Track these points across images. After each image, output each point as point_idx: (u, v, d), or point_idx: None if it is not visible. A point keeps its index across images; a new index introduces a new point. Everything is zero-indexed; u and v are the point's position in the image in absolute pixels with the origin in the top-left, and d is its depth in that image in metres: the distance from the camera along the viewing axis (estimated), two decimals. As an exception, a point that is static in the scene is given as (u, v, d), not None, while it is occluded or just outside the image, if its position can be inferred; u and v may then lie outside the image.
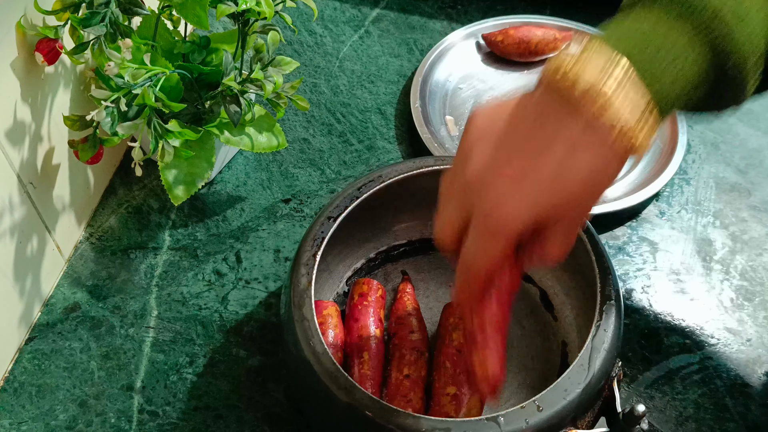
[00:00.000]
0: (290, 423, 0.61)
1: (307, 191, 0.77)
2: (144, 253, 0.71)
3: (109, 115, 0.57)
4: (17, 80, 0.57)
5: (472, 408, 0.56)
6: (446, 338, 0.60)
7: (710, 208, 0.78)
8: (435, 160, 0.64)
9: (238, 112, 0.65)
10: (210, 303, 0.68)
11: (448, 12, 0.96)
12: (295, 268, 0.56)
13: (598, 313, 0.54)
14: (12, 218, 0.59)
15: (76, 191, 0.69)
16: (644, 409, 0.50)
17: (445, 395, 0.57)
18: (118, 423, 0.60)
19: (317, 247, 0.57)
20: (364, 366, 0.58)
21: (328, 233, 0.58)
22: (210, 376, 0.63)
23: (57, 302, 0.67)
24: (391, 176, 0.62)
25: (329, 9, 0.95)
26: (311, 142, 0.81)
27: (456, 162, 0.47)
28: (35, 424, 0.60)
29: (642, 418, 0.51)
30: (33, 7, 0.57)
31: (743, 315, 0.70)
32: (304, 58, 0.89)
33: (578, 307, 0.63)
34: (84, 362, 0.64)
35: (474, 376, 0.47)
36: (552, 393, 0.50)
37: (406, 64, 0.89)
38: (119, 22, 0.58)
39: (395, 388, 0.57)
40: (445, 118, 0.83)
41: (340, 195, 0.61)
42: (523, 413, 0.49)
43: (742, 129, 0.86)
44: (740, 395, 0.64)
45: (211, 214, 0.74)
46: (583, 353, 0.52)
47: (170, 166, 0.65)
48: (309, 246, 0.58)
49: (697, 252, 0.74)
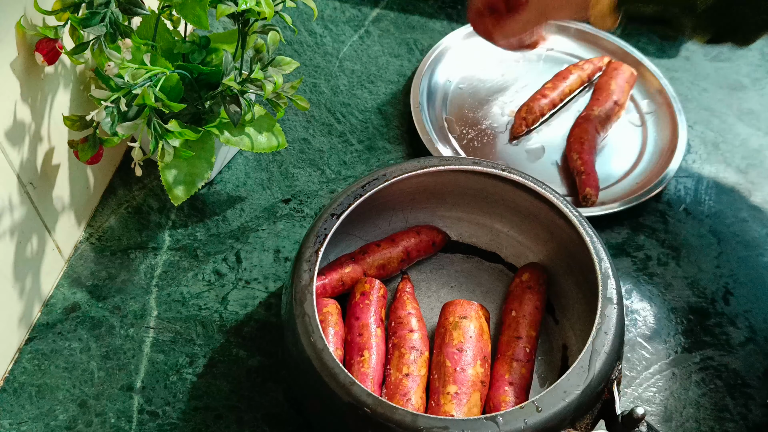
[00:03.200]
0: (290, 423, 0.61)
1: (307, 191, 0.77)
2: (144, 253, 0.71)
3: (109, 115, 0.57)
4: (17, 80, 0.57)
5: (472, 407, 0.56)
6: (446, 337, 0.60)
7: (710, 208, 0.78)
8: (438, 161, 0.64)
9: (238, 112, 0.65)
10: (210, 303, 0.68)
11: (448, 12, 0.96)
12: (298, 264, 0.56)
13: (599, 316, 0.54)
14: (12, 218, 0.59)
15: (76, 191, 0.69)
16: (643, 411, 0.50)
17: (445, 394, 0.57)
18: (118, 423, 0.60)
19: (320, 243, 0.57)
20: (364, 364, 0.58)
21: (331, 230, 0.58)
22: (210, 376, 0.63)
23: (57, 302, 0.67)
24: (395, 175, 0.62)
25: (329, 9, 0.95)
26: (311, 142, 0.81)
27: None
28: (35, 424, 0.60)
29: (641, 421, 0.51)
30: (33, 7, 0.57)
31: (743, 315, 0.70)
32: (304, 58, 0.89)
33: (580, 310, 0.63)
34: (84, 362, 0.64)
35: None
36: (551, 394, 0.50)
37: (406, 64, 0.89)
38: (119, 22, 0.58)
39: (395, 386, 0.57)
40: (445, 118, 0.83)
41: (344, 192, 0.61)
42: (522, 413, 0.49)
43: (743, 129, 0.86)
44: (740, 395, 0.64)
45: (211, 214, 0.74)
46: (583, 355, 0.52)
47: (170, 166, 0.65)
48: (311, 242, 0.58)
49: (698, 252, 0.74)
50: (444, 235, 0.70)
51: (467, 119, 0.84)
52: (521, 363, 0.60)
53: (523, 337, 0.61)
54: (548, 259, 0.67)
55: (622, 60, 0.88)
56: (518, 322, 0.62)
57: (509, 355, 0.60)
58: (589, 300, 0.60)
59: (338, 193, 0.61)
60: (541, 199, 0.63)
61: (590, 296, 0.58)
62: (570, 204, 0.62)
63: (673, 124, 0.82)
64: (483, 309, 0.62)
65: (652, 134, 0.83)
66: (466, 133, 0.82)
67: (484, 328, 0.61)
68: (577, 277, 0.64)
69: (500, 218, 0.69)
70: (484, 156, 0.80)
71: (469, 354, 0.58)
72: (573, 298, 0.65)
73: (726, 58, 0.93)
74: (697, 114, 0.87)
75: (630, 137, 0.83)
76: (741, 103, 0.88)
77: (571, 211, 0.61)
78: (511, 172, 0.63)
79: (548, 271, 0.66)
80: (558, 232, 0.64)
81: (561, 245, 0.65)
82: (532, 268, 0.66)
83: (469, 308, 0.61)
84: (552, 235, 0.66)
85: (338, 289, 0.64)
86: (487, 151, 0.80)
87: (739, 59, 0.93)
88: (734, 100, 0.89)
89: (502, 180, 0.64)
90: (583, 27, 0.91)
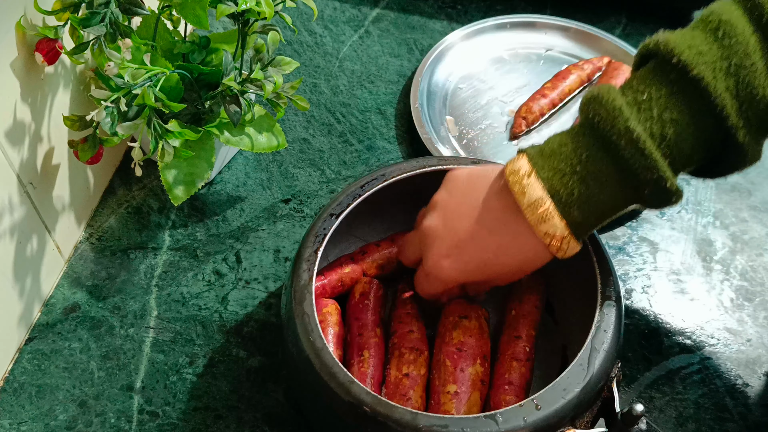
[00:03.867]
0: (290, 423, 0.61)
1: (306, 191, 0.77)
2: (144, 253, 0.71)
3: (108, 115, 0.57)
4: (17, 80, 0.57)
5: (472, 406, 0.56)
6: (446, 337, 0.60)
7: (710, 208, 0.78)
8: (438, 161, 0.64)
9: (237, 112, 0.65)
10: (210, 303, 0.68)
11: (448, 12, 0.96)
12: (297, 263, 0.57)
13: (599, 314, 0.54)
14: (12, 218, 0.59)
15: (76, 191, 0.69)
16: (642, 408, 0.50)
17: (445, 393, 0.57)
18: (118, 423, 0.60)
19: (319, 243, 0.57)
20: (364, 364, 0.58)
21: (330, 230, 0.58)
22: (210, 376, 0.63)
23: (57, 302, 0.67)
24: (394, 175, 0.62)
25: (329, 9, 0.95)
26: (311, 142, 0.81)
27: (427, 207, 0.59)
28: (35, 424, 0.60)
29: (640, 418, 0.51)
30: (33, 7, 0.57)
31: (743, 315, 0.70)
32: (304, 58, 0.89)
33: (579, 310, 0.63)
34: (84, 362, 0.64)
35: None
36: (550, 392, 0.50)
37: (406, 64, 0.89)
38: (119, 22, 0.58)
39: (395, 386, 0.57)
40: (445, 118, 0.83)
41: (343, 192, 0.61)
42: (522, 411, 0.49)
43: (743, 129, 0.85)
44: (740, 395, 0.64)
45: (210, 215, 0.74)
46: (583, 353, 0.52)
47: (170, 167, 0.65)
48: (311, 242, 0.58)
49: (698, 252, 0.74)
50: None
51: (467, 119, 0.84)
52: (521, 362, 0.60)
53: (523, 337, 0.61)
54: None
55: (622, 60, 0.88)
56: (518, 321, 0.62)
57: (509, 355, 0.60)
58: (588, 301, 0.60)
59: (338, 193, 0.61)
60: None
61: (590, 297, 0.58)
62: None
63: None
64: (482, 309, 0.62)
65: (652, 134, 0.83)
66: (466, 133, 0.82)
67: (484, 327, 0.61)
68: (575, 277, 0.64)
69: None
70: (484, 156, 0.80)
71: (468, 353, 0.58)
72: (572, 297, 0.64)
73: (726, 58, 0.93)
74: (697, 114, 0.87)
75: (630, 137, 0.83)
76: (741, 103, 0.88)
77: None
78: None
79: (547, 270, 0.66)
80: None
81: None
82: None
83: (469, 308, 0.61)
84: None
85: (338, 290, 0.64)
86: (487, 151, 0.80)
87: (739, 59, 0.93)
88: (734, 100, 0.88)
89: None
90: (583, 27, 0.91)
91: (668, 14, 0.97)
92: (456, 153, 0.79)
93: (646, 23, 0.96)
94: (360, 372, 0.58)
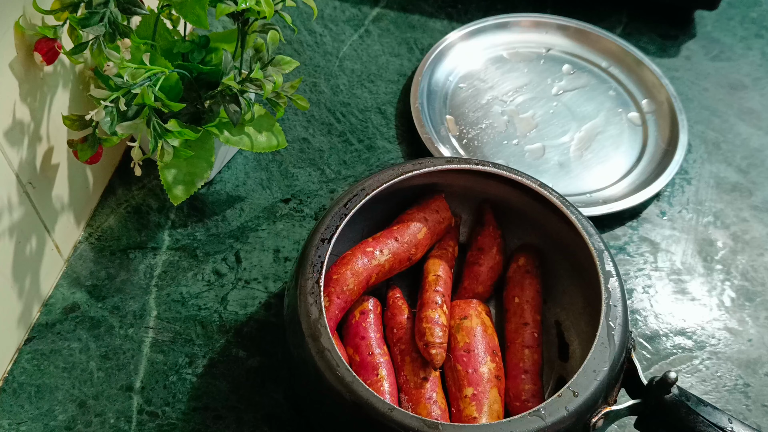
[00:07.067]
0: (290, 424, 0.61)
1: (306, 191, 0.77)
2: (143, 253, 0.71)
3: (108, 115, 0.57)
4: (16, 80, 0.57)
5: (492, 404, 0.56)
6: (451, 341, 0.59)
7: (711, 208, 0.78)
8: (438, 161, 0.63)
9: (237, 111, 0.65)
10: (209, 303, 0.68)
11: (449, 11, 0.96)
12: (301, 297, 0.55)
13: (604, 290, 0.55)
14: (11, 218, 0.59)
15: (75, 191, 0.69)
16: (675, 375, 0.52)
17: (463, 398, 0.56)
18: (118, 423, 0.60)
19: (318, 273, 0.55)
20: (381, 383, 0.57)
21: (325, 256, 0.56)
22: (209, 376, 0.63)
23: (56, 302, 0.67)
24: (374, 187, 0.60)
25: (329, 8, 0.95)
26: (311, 142, 0.81)
27: None
28: (34, 424, 0.60)
29: (673, 385, 0.52)
30: (31, 7, 0.56)
31: (744, 315, 0.70)
32: (304, 57, 0.89)
33: (564, 286, 0.64)
34: (83, 362, 0.63)
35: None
36: (583, 376, 0.51)
37: (406, 63, 0.89)
38: (118, 22, 0.58)
39: (416, 391, 0.57)
40: (445, 117, 0.83)
41: (328, 213, 0.59)
42: (562, 401, 0.50)
43: (744, 129, 0.85)
44: (740, 395, 0.64)
45: (210, 214, 0.74)
46: (601, 331, 0.53)
47: (169, 166, 0.65)
48: (309, 272, 0.56)
49: (698, 252, 0.74)
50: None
51: (467, 119, 0.83)
52: (532, 349, 0.60)
53: (530, 323, 0.62)
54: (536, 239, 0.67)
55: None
56: (523, 308, 0.63)
57: (519, 343, 0.61)
58: (573, 275, 0.62)
59: (323, 215, 0.60)
60: (540, 198, 0.63)
61: (575, 272, 0.60)
62: (570, 203, 0.62)
63: (673, 123, 0.82)
64: (481, 304, 0.62)
65: (653, 134, 0.83)
66: (466, 132, 0.82)
67: (487, 323, 0.61)
68: (557, 255, 0.65)
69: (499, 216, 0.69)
70: (484, 156, 0.80)
71: (477, 353, 0.58)
72: (556, 276, 0.65)
73: (727, 58, 0.93)
74: (698, 113, 0.87)
75: (630, 137, 0.83)
76: (742, 103, 0.88)
77: (572, 211, 0.61)
78: (511, 171, 0.63)
79: (538, 251, 0.66)
80: (554, 228, 0.64)
81: (550, 232, 0.65)
82: (526, 252, 0.66)
83: (467, 307, 0.61)
84: (548, 232, 0.65)
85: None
86: (487, 150, 0.80)
87: (740, 59, 0.93)
88: (735, 99, 0.88)
89: (503, 179, 0.64)
90: (584, 26, 0.91)
91: (669, 14, 0.97)
92: (456, 153, 0.79)
93: (646, 23, 0.96)
94: (379, 392, 0.57)
